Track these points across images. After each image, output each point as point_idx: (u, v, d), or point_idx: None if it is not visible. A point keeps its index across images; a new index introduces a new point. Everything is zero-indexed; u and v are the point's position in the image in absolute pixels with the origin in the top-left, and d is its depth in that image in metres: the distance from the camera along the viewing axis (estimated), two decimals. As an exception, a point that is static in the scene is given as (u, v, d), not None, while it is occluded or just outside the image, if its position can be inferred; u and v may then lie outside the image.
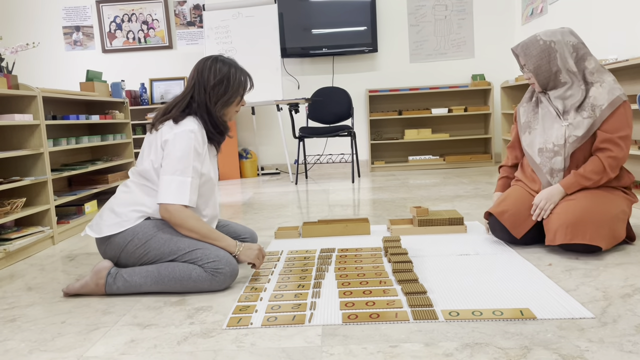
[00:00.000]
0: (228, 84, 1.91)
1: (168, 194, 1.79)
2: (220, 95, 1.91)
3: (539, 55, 2.10)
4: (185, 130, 1.83)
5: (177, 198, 1.79)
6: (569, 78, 2.10)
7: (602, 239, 1.93)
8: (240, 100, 1.98)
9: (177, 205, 1.79)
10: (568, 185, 2.06)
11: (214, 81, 1.90)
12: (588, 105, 2.06)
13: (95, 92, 3.64)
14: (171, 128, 1.86)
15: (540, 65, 2.11)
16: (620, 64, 3.03)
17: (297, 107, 4.89)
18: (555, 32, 2.11)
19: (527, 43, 2.13)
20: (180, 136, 1.82)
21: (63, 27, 5.76)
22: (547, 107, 2.16)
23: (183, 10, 5.70)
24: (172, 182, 1.80)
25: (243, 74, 1.97)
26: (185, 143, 1.82)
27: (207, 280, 1.77)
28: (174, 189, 1.79)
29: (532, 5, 4.98)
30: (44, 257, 2.51)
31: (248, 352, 1.33)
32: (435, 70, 5.63)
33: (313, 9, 5.49)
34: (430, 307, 1.55)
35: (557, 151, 2.09)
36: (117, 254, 1.87)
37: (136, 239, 1.83)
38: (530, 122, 2.23)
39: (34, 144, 2.71)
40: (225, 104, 1.93)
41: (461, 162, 5.41)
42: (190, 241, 1.82)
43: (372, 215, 3.09)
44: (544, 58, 2.10)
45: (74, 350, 1.41)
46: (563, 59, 2.09)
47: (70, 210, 3.14)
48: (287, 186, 4.63)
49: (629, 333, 1.32)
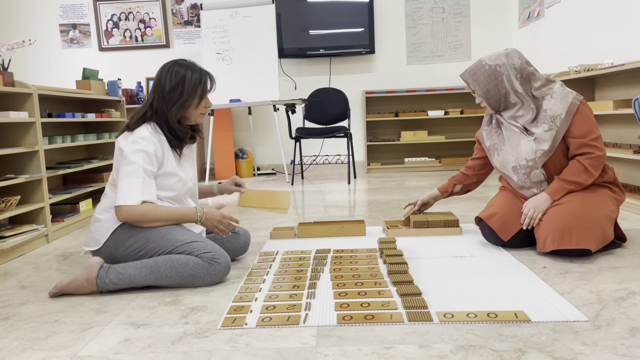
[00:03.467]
0: (183, 88, 1.89)
1: (120, 197, 1.82)
2: (175, 99, 1.90)
3: (486, 80, 2.13)
4: (135, 140, 1.86)
5: (128, 199, 1.81)
6: (518, 99, 2.13)
7: (590, 242, 1.93)
8: (199, 102, 1.95)
9: (128, 206, 1.81)
10: (553, 191, 2.07)
11: (169, 86, 1.90)
12: (546, 118, 2.07)
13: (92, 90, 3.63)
14: (125, 138, 1.89)
15: (489, 90, 2.14)
16: (616, 68, 3.05)
17: (293, 108, 4.89)
18: (500, 55, 2.13)
19: (474, 69, 2.16)
20: (130, 144, 1.86)
21: (60, 25, 5.74)
22: (509, 127, 2.17)
23: (180, 9, 5.69)
24: (124, 185, 1.83)
25: (201, 75, 1.94)
26: (133, 149, 1.84)
27: (204, 268, 1.80)
28: (125, 191, 1.82)
29: (529, 9, 4.99)
30: (38, 255, 2.50)
31: (242, 353, 1.33)
32: (432, 72, 5.64)
33: (311, 9, 5.50)
34: (425, 308, 1.55)
35: (532, 166, 2.10)
36: (114, 253, 1.88)
37: (132, 237, 1.86)
38: (496, 143, 2.24)
39: (29, 142, 2.70)
40: (181, 108, 1.92)
41: (457, 165, 5.42)
42: (187, 235, 1.86)
43: (368, 216, 3.09)
44: (491, 82, 2.13)
45: (67, 349, 1.41)
46: (509, 82, 2.12)
47: (65, 209, 3.13)
48: (283, 186, 4.63)
49: (623, 336, 1.32)
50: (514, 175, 2.17)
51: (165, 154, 1.92)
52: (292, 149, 5.53)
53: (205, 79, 1.95)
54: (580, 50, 4.01)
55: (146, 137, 1.87)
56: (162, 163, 1.91)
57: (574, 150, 2.06)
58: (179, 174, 1.97)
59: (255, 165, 5.73)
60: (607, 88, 3.52)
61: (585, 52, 3.89)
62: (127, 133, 1.92)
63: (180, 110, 1.92)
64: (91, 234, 1.93)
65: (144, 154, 1.85)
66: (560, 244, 1.95)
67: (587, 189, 2.08)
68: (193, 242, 1.85)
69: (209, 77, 1.97)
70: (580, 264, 1.93)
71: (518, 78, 2.13)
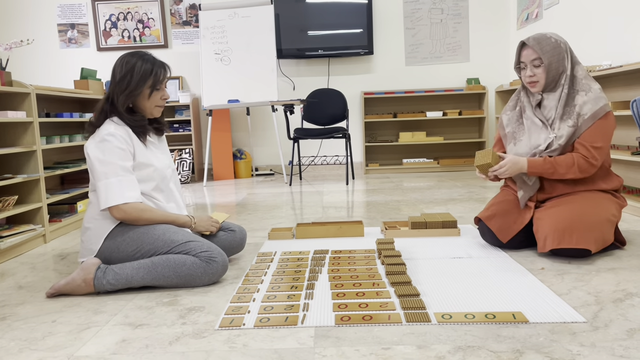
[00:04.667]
0: (131, 77, 1.87)
1: (106, 198, 1.81)
2: (123, 88, 1.88)
3: (551, 51, 2.05)
4: (102, 138, 1.84)
5: (113, 199, 1.81)
6: (565, 83, 2.07)
7: (590, 242, 1.93)
8: (151, 92, 1.91)
9: (119, 205, 1.81)
10: (533, 163, 2.06)
11: (119, 76, 1.90)
12: (574, 113, 2.05)
13: (90, 90, 3.62)
14: (93, 138, 1.88)
15: (552, 62, 2.05)
16: (614, 70, 3.05)
17: (292, 108, 4.89)
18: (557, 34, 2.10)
19: (539, 38, 2.06)
20: (99, 145, 1.84)
21: (58, 25, 5.73)
22: (532, 118, 2.14)
23: (179, 10, 5.69)
24: (105, 186, 1.82)
25: (153, 65, 1.90)
26: (103, 148, 1.83)
27: (202, 267, 1.80)
28: (109, 191, 1.81)
29: (528, 11, 5.00)
30: (35, 255, 2.49)
31: (240, 353, 1.33)
32: (431, 73, 5.64)
33: (309, 10, 5.50)
34: (423, 309, 1.55)
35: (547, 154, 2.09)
36: (110, 258, 1.88)
37: (127, 239, 1.85)
38: (515, 132, 2.20)
39: (26, 142, 2.69)
40: (129, 96, 1.89)
41: (455, 166, 5.43)
42: (183, 235, 1.85)
43: (366, 217, 3.09)
44: (554, 55, 2.05)
45: (64, 349, 1.40)
46: (567, 62, 2.07)
47: (62, 209, 3.12)
48: (281, 187, 4.63)
49: (621, 337, 1.33)
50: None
51: (134, 146, 1.91)
52: (291, 150, 5.53)
53: (157, 70, 1.91)
54: (578, 51, 4.02)
55: (112, 132, 1.85)
56: (134, 155, 1.90)
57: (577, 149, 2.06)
58: (153, 164, 1.95)
59: (254, 166, 5.73)
60: (605, 89, 3.52)
61: (583, 54, 3.89)
62: (94, 134, 1.89)
63: (128, 98, 1.90)
64: (84, 244, 1.92)
65: (116, 150, 1.83)
66: (560, 242, 1.95)
67: (591, 192, 2.09)
68: (189, 241, 1.84)
69: (162, 68, 1.93)
70: (578, 266, 1.94)
71: (570, 62, 2.08)
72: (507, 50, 5.57)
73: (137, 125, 1.93)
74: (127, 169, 1.85)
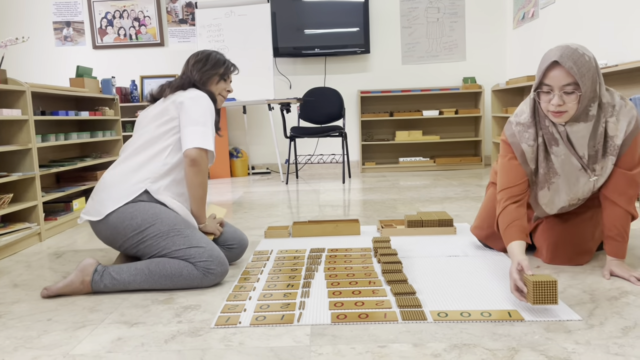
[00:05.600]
0: (207, 60, 2.07)
1: (194, 139, 1.87)
2: (199, 68, 2.05)
3: (587, 74, 1.58)
4: (199, 94, 1.97)
5: (203, 143, 1.88)
6: (595, 112, 1.66)
7: (582, 259, 1.92)
8: (219, 79, 2.09)
9: (202, 150, 1.88)
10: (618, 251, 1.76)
11: (194, 60, 2.08)
12: (614, 147, 1.69)
13: (85, 88, 3.61)
14: (184, 92, 1.98)
15: (587, 90, 1.59)
16: (610, 69, 3.06)
17: (288, 107, 4.88)
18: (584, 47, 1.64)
19: (574, 56, 1.57)
20: (198, 97, 1.96)
21: (53, 23, 5.71)
22: (567, 157, 1.73)
23: (175, 8, 5.67)
24: (196, 131, 1.89)
25: (224, 58, 2.12)
26: (203, 103, 1.95)
27: (198, 279, 1.78)
28: (199, 135, 1.88)
29: (524, 10, 5.01)
30: (30, 254, 2.48)
31: (236, 352, 1.33)
32: (427, 72, 5.65)
33: (306, 9, 5.49)
34: (419, 307, 1.55)
35: (581, 201, 1.85)
36: (114, 236, 1.84)
37: (135, 223, 1.82)
38: (547, 174, 1.79)
39: (22, 140, 2.68)
40: (203, 75, 2.05)
41: (451, 165, 5.44)
42: (185, 239, 1.81)
43: (362, 215, 3.09)
44: (590, 79, 1.59)
45: (60, 347, 1.40)
46: (599, 84, 1.64)
47: (58, 207, 3.11)
48: (277, 186, 4.63)
49: (616, 335, 1.33)
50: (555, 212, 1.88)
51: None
52: (287, 148, 5.52)
53: (228, 63, 2.12)
54: (574, 51, 4.03)
55: (206, 96, 1.98)
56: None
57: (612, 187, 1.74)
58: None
59: (250, 165, 5.72)
60: (601, 89, 3.53)
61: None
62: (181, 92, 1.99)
63: (203, 76, 2.05)
64: (94, 203, 1.88)
65: (211, 109, 1.96)
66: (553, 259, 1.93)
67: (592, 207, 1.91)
68: (191, 247, 1.79)
69: (233, 64, 2.15)
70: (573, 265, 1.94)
71: (599, 84, 1.64)
72: (503, 50, 5.58)
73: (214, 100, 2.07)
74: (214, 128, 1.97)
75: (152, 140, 1.93)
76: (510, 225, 1.73)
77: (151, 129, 1.95)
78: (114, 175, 1.90)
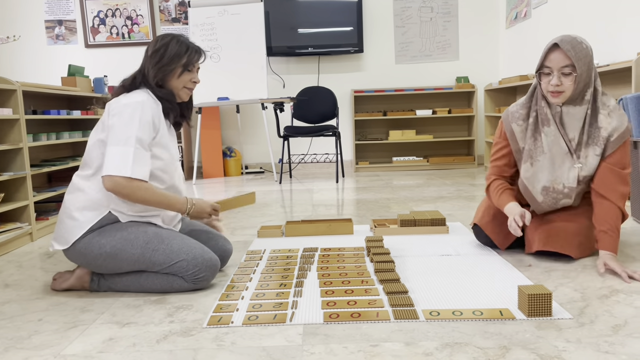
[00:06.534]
0: (165, 51, 1.83)
1: (109, 165, 1.68)
2: (155, 62, 1.83)
3: (584, 59, 1.76)
4: (132, 102, 1.75)
5: (119, 169, 1.66)
6: (590, 98, 1.82)
7: (573, 249, 1.94)
8: (181, 72, 1.85)
9: (119, 177, 1.66)
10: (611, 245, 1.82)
11: (152, 50, 1.85)
12: (599, 138, 1.83)
13: (77, 87, 3.59)
14: (119, 99, 1.78)
15: (583, 73, 1.76)
16: (601, 69, 3.08)
17: (282, 106, 4.88)
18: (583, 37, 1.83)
19: (573, 42, 1.76)
20: (126, 106, 1.74)
21: (45, 21, 5.67)
22: (556, 137, 1.86)
23: (168, 7, 5.65)
24: (115, 152, 1.68)
25: (188, 46, 1.87)
26: (130, 112, 1.72)
27: (190, 287, 1.78)
28: (116, 159, 1.67)
29: (517, 10, 5.03)
30: (21, 253, 2.47)
31: (228, 351, 1.32)
32: (420, 71, 5.66)
33: (299, 8, 5.49)
34: (411, 306, 1.56)
35: (567, 193, 1.91)
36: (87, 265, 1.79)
37: (104, 252, 1.73)
38: (532, 150, 1.92)
39: (13, 139, 2.67)
40: (161, 70, 1.83)
41: (444, 164, 5.45)
42: (164, 255, 1.73)
43: (356, 215, 3.09)
44: (586, 64, 1.77)
45: (51, 348, 1.39)
46: (594, 72, 1.81)
47: (49, 207, 3.09)
48: (271, 185, 4.62)
49: (606, 334, 1.34)
50: (539, 195, 1.94)
51: (161, 123, 1.82)
52: (281, 148, 5.52)
53: (191, 52, 1.87)
54: (566, 50, 4.05)
55: (144, 101, 1.76)
56: (157, 132, 1.80)
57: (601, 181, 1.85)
58: (170, 149, 1.86)
59: (243, 164, 5.71)
60: (593, 88, 3.55)
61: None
62: (121, 97, 1.80)
63: (159, 72, 1.83)
64: (61, 232, 1.78)
65: (140, 121, 1.72)
66: (545, 245, 1.95)
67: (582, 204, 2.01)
68: (173, 264, 1.73)
69: (197, 52, 1.89)
70: (564, 263, 1.95)
71: (594, 73, 1.82)
72: (496, 49, 5.60)
73: (167, 100, 1.86)
74: (145, 143, 1.73)
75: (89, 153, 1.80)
76: (503, 193, 1.98)
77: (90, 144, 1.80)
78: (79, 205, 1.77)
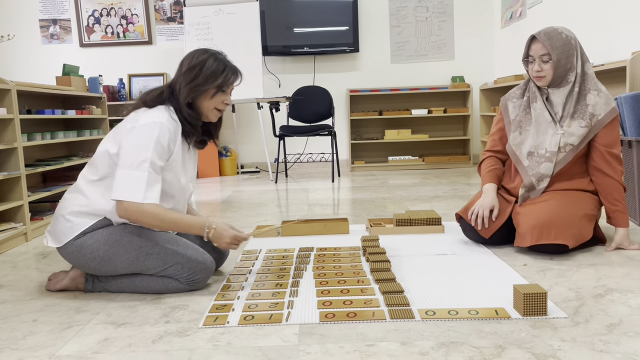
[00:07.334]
0: (200, 71, 1.74)
1: (121, 189, 1.63)
2: (189, 80, 1.74)
3: (561, 47, 2.02)
4: (151, 122, 1.68)
5: (132, 195, 1.62)
6: (574, 80, 2.06)
7: (567, 238, 1.96)
8: (215, 92, 1.76)
9: (131, 202, 1.62)
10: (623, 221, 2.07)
11: (187, 67, 1.76)
12: (586, 113, 2.04)
13: (72, 86, 3.57)
14: (138, 115, 1.72)
15: (560, 59, 2.03)
16: (596, 68, 3.09)
17: (277, 106, 4.87)
18: (569, 29, 2.07)
19: (550, 33, 2.03)
20: (144, 127, 1.67)
21: (39, 20, 5.65)
22: (542, 110, 2.11)
23: (163, 6, 5.63)
24: (127, 176, 1.63)
25: (226, 66, 1.78)
26: (148, 133, 1.66)
27: (185, 289, 1.78)
28: (129, 184, 1.63)
29: (512, 9, 5.04)
30: (16, 254, 2.46)
31: (224, 351, 1.32)
32: (416, 71, 5.67)
33: (295, 7, 5.48)
34: (407, 306, 1.56)
35: (548, 157, 2.08)
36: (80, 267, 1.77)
37: (97, 256, 1.71)
38: (522, 121, 2.17)
39: (7, 139, 2.65)
40: (193, 90, 1.74)
41: (440, 163, 5.46)
42: (158, 259, 1.72)
43: (352, 214, 3.09)
44: (564, 52, 2.02)
45: (45, 349, 1.39)
46: (576, 59, 2.05)
47: (44, 207, 3.08)
48: (266, 185, 4.62)
49: (601, 332, 1.35)
50: (526, 159, 2.13)
51: (176, 146, 1.75)
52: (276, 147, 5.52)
53: (228, 72, 1.78)
54: (561, 50, 4.06)
55: (163, 121, 1.68)
56: (170, 156, 1.74)
57: (599, 160, 2.07)
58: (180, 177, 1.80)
59: (239, 164, 5.71)
60: (587, 88, 3.56)
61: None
62: (142, 110, 1.73)
63: (191, 92, 1.74)
64: (56, 229, 1.77)
65: (157, 143, 1.65)
66: (539, 239, 1.97)
67: (572, 190, 2.10)
68: (167, 267, 1.72)
69: (234, 72, 1.80)
70: (559, 262, 1.96)
71: (580, 59, 2.06)
72: (491, 49, 5.61)
73: (191, 123, 1.77)
74: (158, 167, 1.67)
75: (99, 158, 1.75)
76: (490, 171, 2.25)
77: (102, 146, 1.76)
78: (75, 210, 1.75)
